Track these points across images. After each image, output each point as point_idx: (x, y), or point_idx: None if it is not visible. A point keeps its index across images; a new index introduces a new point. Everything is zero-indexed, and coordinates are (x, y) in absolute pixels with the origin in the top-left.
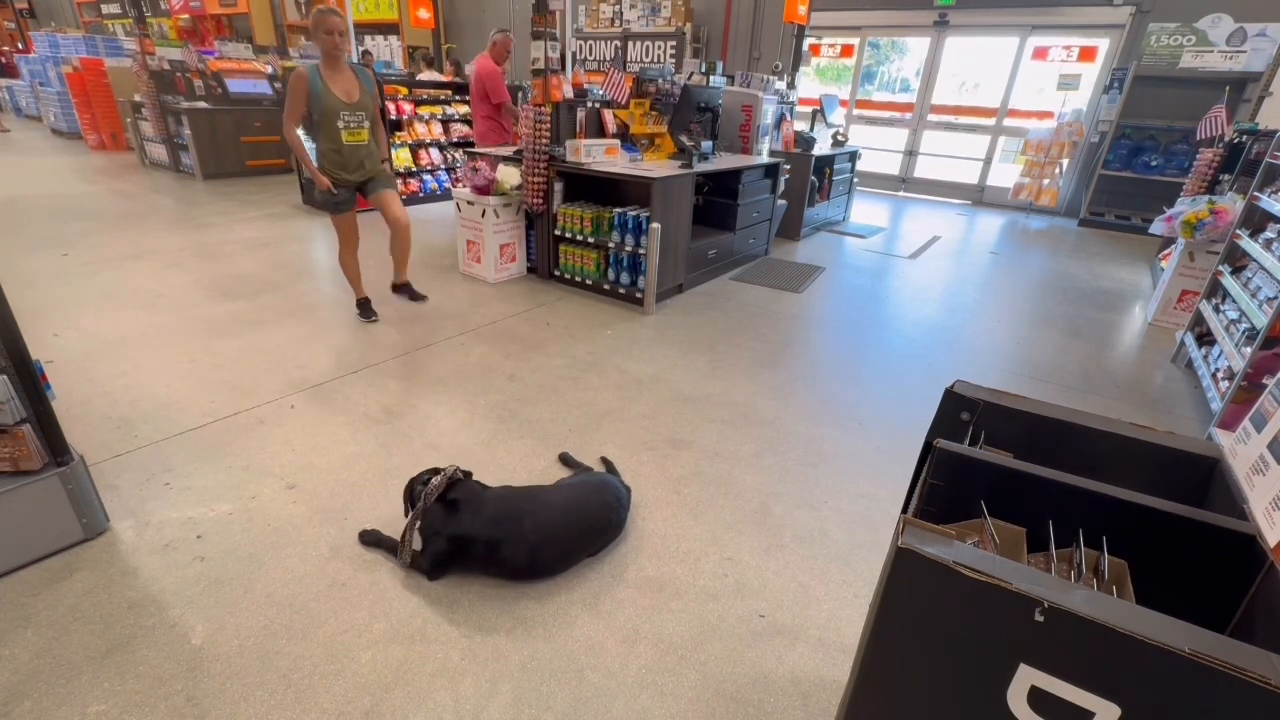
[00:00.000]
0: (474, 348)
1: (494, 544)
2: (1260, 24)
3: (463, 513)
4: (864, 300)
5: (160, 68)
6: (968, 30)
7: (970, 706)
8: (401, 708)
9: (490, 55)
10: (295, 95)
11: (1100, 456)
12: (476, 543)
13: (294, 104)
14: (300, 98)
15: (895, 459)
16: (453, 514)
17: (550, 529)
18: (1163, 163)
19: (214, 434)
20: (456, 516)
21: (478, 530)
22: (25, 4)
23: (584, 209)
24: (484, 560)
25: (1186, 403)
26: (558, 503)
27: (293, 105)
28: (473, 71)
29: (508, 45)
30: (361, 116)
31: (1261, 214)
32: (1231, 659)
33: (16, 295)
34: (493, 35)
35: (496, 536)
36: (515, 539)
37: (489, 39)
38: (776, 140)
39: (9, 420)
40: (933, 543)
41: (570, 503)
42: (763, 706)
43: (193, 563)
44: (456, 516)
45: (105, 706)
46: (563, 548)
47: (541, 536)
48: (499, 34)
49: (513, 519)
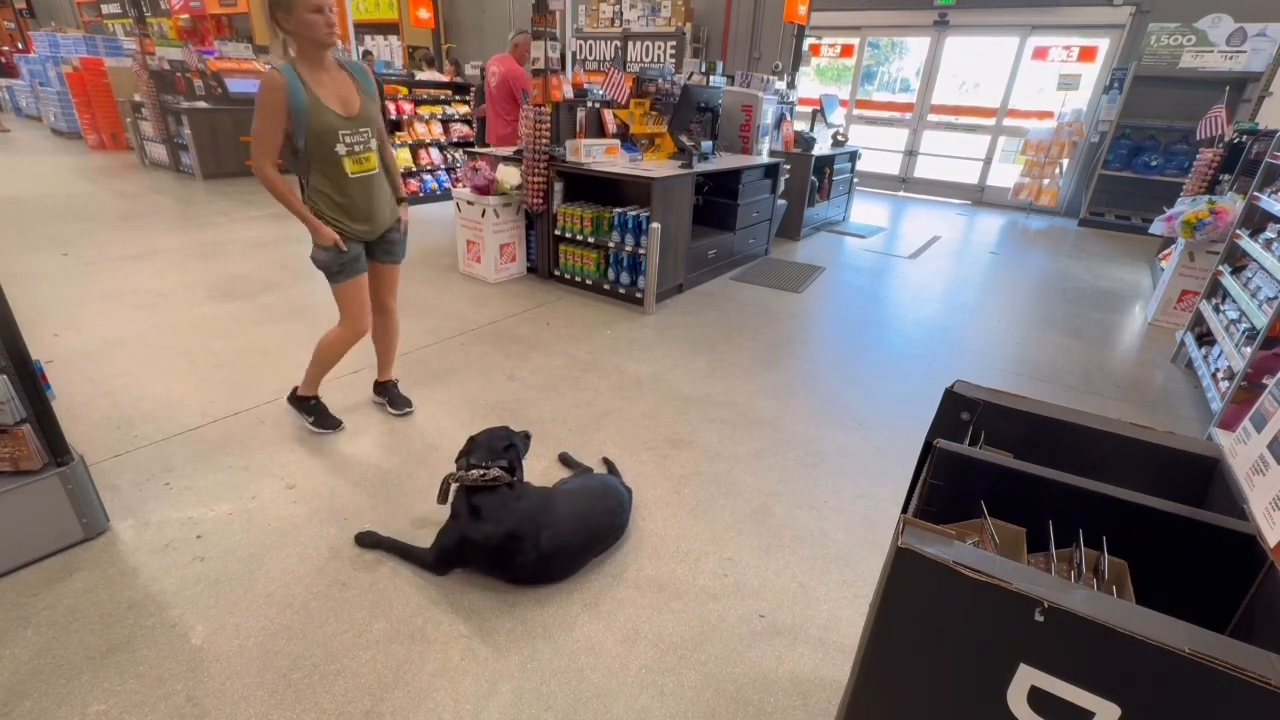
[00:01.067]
0: (474, 348)
1: (507, 553)
2: (1260, 24)
3: (484, 521)
4: (864, 300)
5: (160, 68)
6: (968, 30)
7: (970, 706)
8: (401, 708)
9: (513, 56)
10: (272, 114)
11: (1100, 456)
12: (489, 550)
13: (271, 127)
14: (279, 117)
15: (895, 459)
16: (474, 518)
17: (562, 540)
18: (1163, 163)
19: (214, 434)
20: (476, 522)
21: (493, 540)
22: (24, 4)
23: (584, 209)
24: (492, 565)
25: (1186, 403)
26: (566, 514)
27: (269, 129)
28: (497, 73)
29: (529, 46)
30: (367, 135)
31: (1261, 214)
32: (1231, 659)
33: (16, 295)
34: (514, 37)
35: (510, 548)
36: (529, 550)
37: (509, 40)
38: (776, 140)
39: (9, 420)
40: (933, 543)
41: (578, 513)
42: (763, 706)
43: (193, 563)
44: (476, 522)
45: (105, 706)
46: (572, 557)
47: (554, 548)
48: (520, 35)
49: (529, 533)
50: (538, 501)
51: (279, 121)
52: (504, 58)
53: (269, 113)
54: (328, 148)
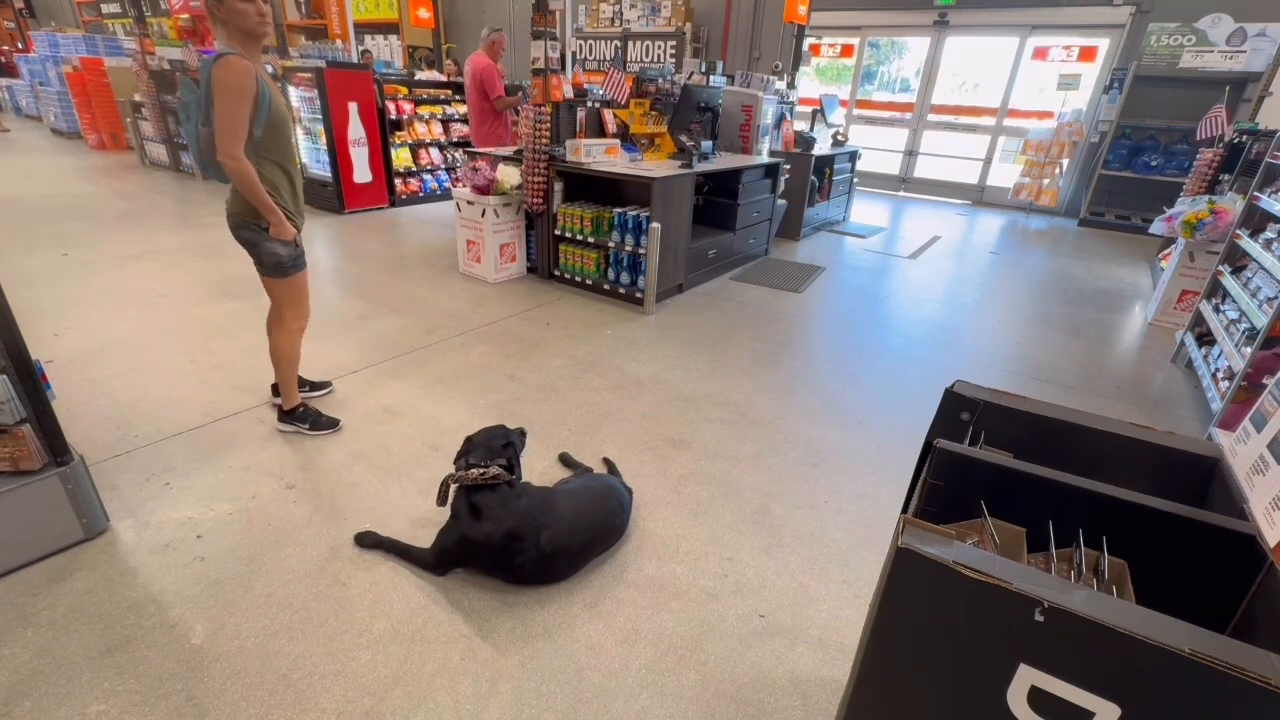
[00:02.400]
0: (474, 348)
1: (507, 553)
2: (1260, 24)
3: (484, 520)
4: (864, 300)
5: (160, 67)
6: (968, 30)
7: (970, 706)
8: (401, 708)
9: (486, 52)
10: (243, 98)
11: (1100, 456)
12: (489, 549)
13: (242, 113)
14: (248, 101)
15: (895, 459)
16: (474, 517)
17: (562, 540)
18: (1163, 163)
19: (214, 434)
20: (476, 521)
21: (494, 539)
22: (24, 3)
23: (584, 209)
24: (492, 565)
25: (1186, 403)
26: (567, 514)
27: (239, 115)
28: (469, 71)
29: (502, 43)
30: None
31: (1261, 214)
32: (1231, 659)
33: (16, 295)
34: (487, 34)
35: (510, 547)
36: (529, 549)
37: (481, 37)
38: (776, 140)
39: (9, 420)
40: (933, 543)
41: (579, 513)
42: (763, 706)
43: (192, 563)
44: (476, 521)
45: (105, 706)
46: (573, 557)
47: (554, 548)
48: (494, 32)
49: (530, 532)
50: (538, 501)
51: (248, 107)
52: (477, 55)
53: (240, 96)
54: (284, 138)
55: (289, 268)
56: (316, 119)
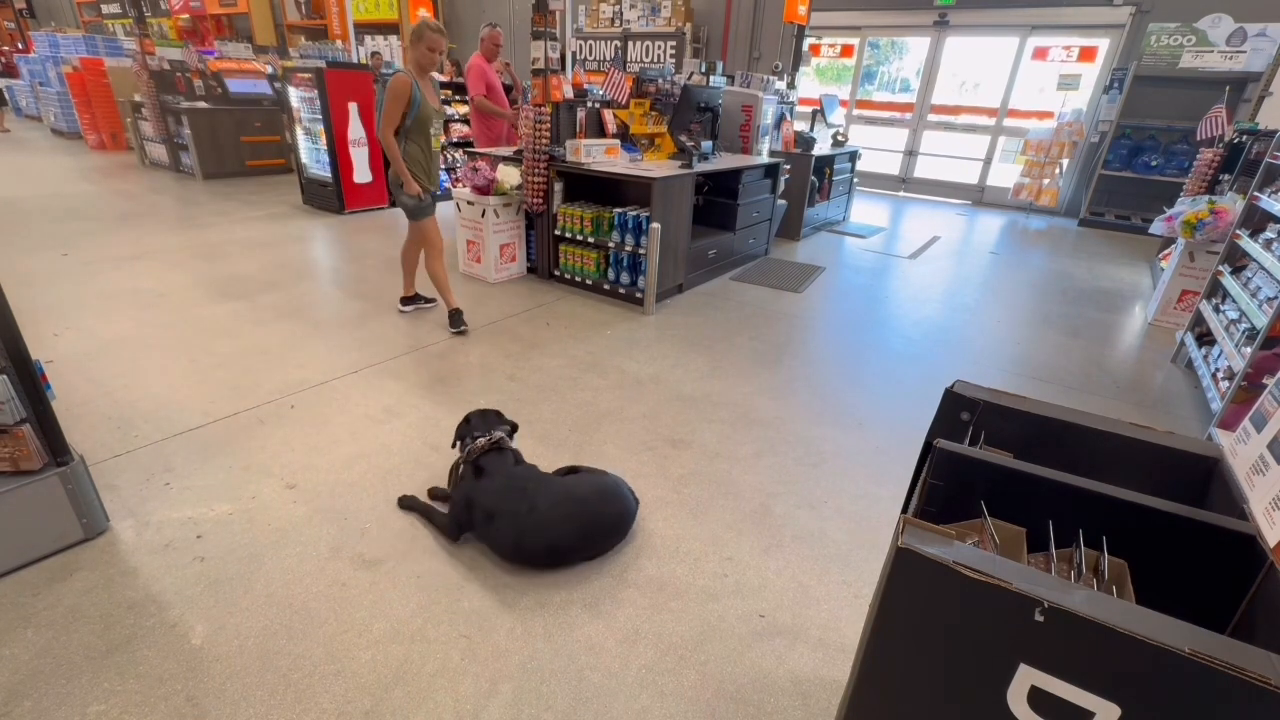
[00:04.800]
0: (474, 348)
1: (490, 516)
2: (1260, 24)
3: (487, 476)
4: (864, 300)
5: (160, 68)
6: (968, 30)
7: (970, 706)
8: (401, 708)
9: (481, 52)
10: (398, 101)
11: (1100, 456)
12: (479, 509)
13: (396, 109)
14: (403, 103)
15: (895, 459)
16: (477, 476)
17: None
18: (1163, 163)
19: (214, 434)
20: (479, 479)
21: (493, 490)
22: (24, 3)
23: (584, 209)
24: (491, 522)
25: (1186, 403)
26: (566, 490)
27: (394, 111)
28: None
29: (496, 39)
30: (439, 126)
31: (1261, 214)
32: (1231, 659)
33: (16, 295)
34: (481, 31)
35: (509, 501)
36: (523, 507)
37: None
38: (776, 140)
39: (9, 420)
40: (933, 543)
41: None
42: (763, 706)
43: (193, 563)
44: (479, 479)
45: (105, 706)
46: (572, 539)
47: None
48: (487, 27)
49: (528, 491)
50: (537, 474)
51: (402, 105)
52: (475, 54)
53: (398, 98)
54: (425, 130)
55: (417, 213)
56: (316, 119)
